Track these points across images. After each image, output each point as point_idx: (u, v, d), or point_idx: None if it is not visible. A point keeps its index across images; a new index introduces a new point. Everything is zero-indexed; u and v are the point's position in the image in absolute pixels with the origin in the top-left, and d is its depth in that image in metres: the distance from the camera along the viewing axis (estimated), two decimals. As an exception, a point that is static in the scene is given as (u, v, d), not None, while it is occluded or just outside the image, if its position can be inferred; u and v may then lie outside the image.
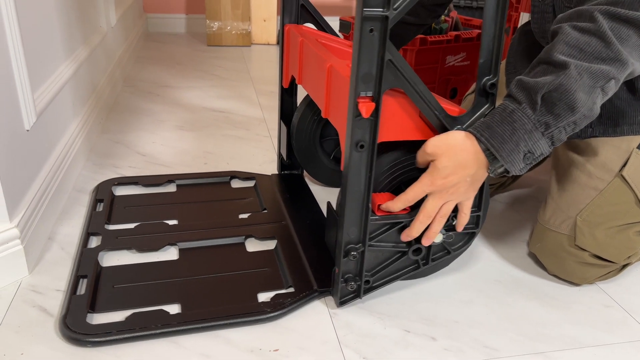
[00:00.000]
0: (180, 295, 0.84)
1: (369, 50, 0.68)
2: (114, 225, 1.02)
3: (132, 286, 0.86)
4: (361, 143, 0.73)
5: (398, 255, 0.85)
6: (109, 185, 1.15)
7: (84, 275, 0.86)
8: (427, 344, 0.80)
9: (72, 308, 0.80)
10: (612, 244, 0.88)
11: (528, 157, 0.72)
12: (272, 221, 1.06)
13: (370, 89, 0.70)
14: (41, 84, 1.08)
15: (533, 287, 0.94)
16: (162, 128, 1.56)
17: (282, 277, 0.90)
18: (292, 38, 1.07)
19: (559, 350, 0.80)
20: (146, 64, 2.22)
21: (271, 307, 0.82)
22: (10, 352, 0.75)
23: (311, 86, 0.98)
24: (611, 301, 0.91)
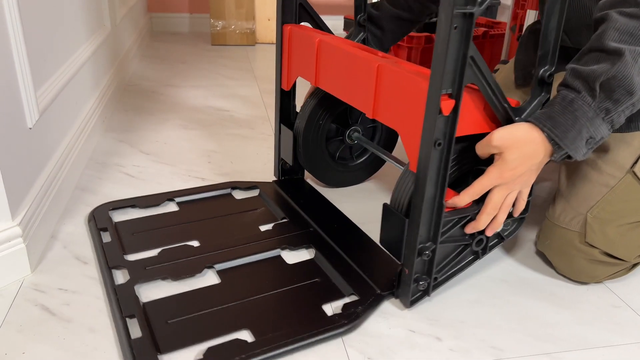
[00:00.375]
0: (246, 321, 0.80)
1: (453, 47, 0.68)
2: (133, 255, 0.94)
3: (188, 319, 0.80)
4: (439, 141, 0.73)
5: (461, 249, 0.86)
6: (105, 212, 1.06)
7: (130, 315, 0.79)
8: (432, 344, 0.79)
9: (137, 354, 0.72)
10: (623, 241, 0.87)
11: (590, 142, 0.75)
12: (299, 230, 1.02)
13: (450, 86, 0.70)
14: (44, 82, 1.08)
15: (540, 287, 0.92)
16: (166, 127, 1.55)
17: (337, 285, 0.88)
18: (298, 38, 1.05)
19: (566, 351, 0.79)
20: (150, 63, 2.22)
21: (346, 318, 0.80)
22: (12, 351, 0.75)
23: (342, 88, 0.95)
24: (620, 301, 0.90)
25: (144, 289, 0.87)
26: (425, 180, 0.75)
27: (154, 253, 0.95)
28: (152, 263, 0.91)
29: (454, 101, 0.71)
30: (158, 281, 0.88)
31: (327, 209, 1.11)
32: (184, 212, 1.10)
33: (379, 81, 0.85)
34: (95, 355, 0.75)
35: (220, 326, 0.79)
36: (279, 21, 1.09)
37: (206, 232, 1.02)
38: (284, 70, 1.12)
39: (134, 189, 1.19)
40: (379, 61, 0.85)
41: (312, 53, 1.01)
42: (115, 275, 0.89)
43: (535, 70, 0.77)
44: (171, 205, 1.12)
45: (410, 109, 0.78)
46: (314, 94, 1.13)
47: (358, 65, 0.89)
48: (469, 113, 0.76)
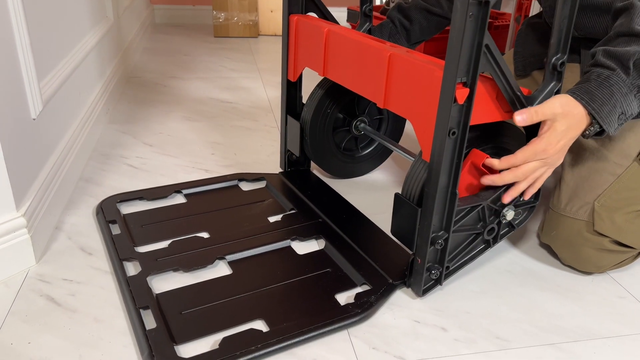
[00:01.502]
0: (259, 311, 0.80)
1: (468, 35, 0.67)
2: (143, 247, 0.94)
3: (202, 309, 0.80)
4: (453, 130, 0.73)
5: (473, 237, 0.86)
6: (112, 204, 1.06)
7: (144, 306, 0.79)
8: (437, 334, 0.79)
9: (153, 344, 0.72)
10: (631, 228, 0.87)
11: (621, 117, 0.78)
12: (308, 220, 1.02)
13: (465, 75, 0.70)
14: (47, 73, 1.08)
15: (545, 278, 0.92)
16: (169, 119, 1.55)
17: (349, 275, 0.88)
18: (305, 28, 1.05)
19: (571, 341, 0.79)
20: (153, 55, 2.21)
21: (359, 308, 0.81)
22: (18, 340, 0.75)
23: (351, 78, 0.95)
24: (625, 292, 0.90)
25: (156, 280, 0.87)
26: (439, 169, 0.74)
27: (165, 245, 0.95)
28: (163, 255, 0.91)
29: (469, 90, 0.71)
30: (170, 272, 0.88)
31: (335, 199, 1.11)
32: (192, 204, 1.09)
33: (390, 71, 0.85)
34: (100, 344, 0.75)
35: (234, 316, 0.79)
36: (285, 11, 1.08)
37: (215, 223, 1.02)
38: (290, 61, 1.11)
39: (138, 180, 1.19)
40: (390, 50, 0.84)
41: (320, 43, 1.00)
42: (127, 267, 0.89)
43: (547, 58, 0.77)
44: (179, 197, 1.12)
45: (424, 98, 0.78)
46: (321, 84, 1.13)
47: (369, 54, 0.89)
48: (482, 101, 0.76)
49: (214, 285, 0.86)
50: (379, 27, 1.14)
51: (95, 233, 1.00)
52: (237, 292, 0.84)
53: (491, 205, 0.83)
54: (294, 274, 0.89)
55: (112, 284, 0.87)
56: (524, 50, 1.07)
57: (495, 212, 0.85)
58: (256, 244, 0.95)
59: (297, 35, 1.08)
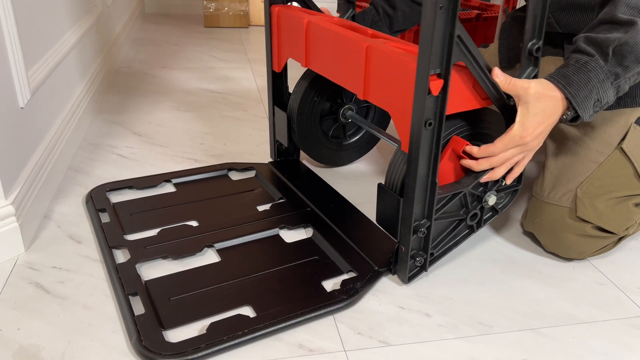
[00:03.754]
0: (247, 297, 0.81)
1: (439, 27, 0.67)
2: (132, 235, 0.95)
3: (190, 296, 0.81)
4: (430, 121, 0.73)
5: (456, 224, 0.87)
6: (102, 193, 1.07)
7: (133, 293, 0.80)
8: (421, 320, 0.81)
9: (142, 329, 0.74)
10: (612, 215, 0.89)
11: (596, 104, 0.78)
12: (297, 209, 1.04)
13: (438, 66, 0.70)
14: (35, 62, 1.08)
15: (527, 266, 0.94)
16: (159, 109, 1.55)
17: (335, 263, 0.90)
18: (287, 20, 1.05)
19: (552, 326, 0.81)
20: (142, 45, 2.20)
21: (345, 294, 0.82)
22: (7, 327, 0.76)
23: (332, 70, 0.95)
24: (605, 279, 0.92)
25: (145, 267, 0.88)
26: (418, 160, 0.76)
27: (154, 233, 0.96)
28: (152, 242, 0.92)
29: (443, 81, 0.71)
30: (159, 260, 0.89)
31: (324, 189, 1.12)
32: (181, 193, 1.10)
33: (368, 62, 0.85)
34: (89, 331, 0.76)
35: (222, 303, 0.80)
36: (266, 2, 1.08)
37: (204, 212, 1.03)
38: (274, 52, 1.11)
39: (127, 170, 1.20)
40: (367, 42, 0.85)
41: (301, 34, 1.01)
42: (116, 254, 0.90)
43: (523, 44, 0.78)
44: (168, 186, 1.13)
45: (400, 89, 0.79)
46: (306, 74, 1.13)
47: (347, 46, 0.89)
48: (458, 91, 0.77)
49: (202, 272, 0.87)
50: (362, 14, 1.15)
51: (85, 222, 1.01)
52: (225, 279, 0.85)
53: (473, 192, 0.85)
54: (282, 261, 0.90)
55: (101, 271, 0.88)
56: (508, 43, 1.09)
57: (478, 198, 0.86)
58: (245, 232, 0.96)
59: (279, 26, 1.07)
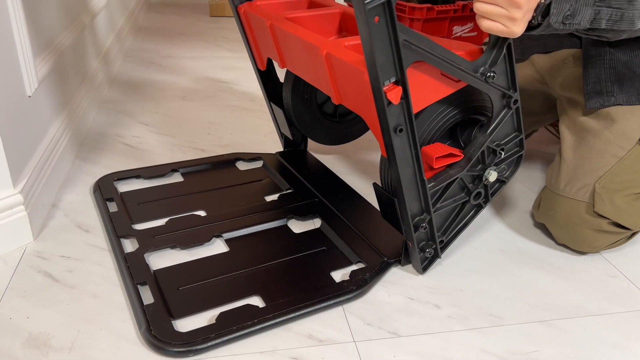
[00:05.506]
0: (256, 287, 0.81)
1: (381, 39, 0.65)
2: (140, 224, 0.95)
3: (199, 285, 0.81)
4: (399, 127, 0.72)
5: (460, 207, 0.86)
6: (109, 182, 1.06)
7: (142, 282, 0.80)
8: (431, 311, 0.80)
9: (151, 319, 0.74)
10: (630, 211, 0.88)
11: (568, 17, 0.72)
12: (305, 200, 1.03)
13: (392, 75, 0.68)
14: (42, 51, 1.07)
15: (538, 257, 0.93)
16: (165, 98, 1.55)
17: (344, 253, 0.90)
18: (254, 21, 1.00)
19: (563, 318, 0.80)
20: (148, 35, 2.19)
21: (355, 285, 0.82)
22: (17, 315, 0.76)
23: (306, 73, 0.93)
24: (616, 271, 0.91)
25: (153, 257, 0.88)
26: (397, 164, 0.74)
27: (162, 222, 0.95)
28: (161, 232, 0.92)
29: (401, 88, 0.69)
30: (167, 250, 0.89)
31: (332, 179, 1.11)
32: (189, 182, 1.10)
33: (331, 69, 0.82)
34: (98, 319, 0.76)
35: (231, 293, 0.80)
36: (231, 3, 1.02)
37: (212, 202, 1.02)
38: (254, 52, 1.08)
39: (134, 159, 1.19)
40: (327, 48, 0.81)
41: (268, 37, 0.96)
42: (124, 244, 0.90)
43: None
44: (176, 175, 1.12)
45: (363, 98, 0.76)
46: None
47: (310, 52, 0.85)
48: (427, 84, 0.74)
49: (211, 262, 0.87)
50: None
51: (92, 211, 1.00)
52: (234, 269, 0.85)
53: (469, 174, 0.83)
54: (290, 251, 0.90)
55: (109, 260, 0.88)
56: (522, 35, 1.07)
57: (478, 177, 0.85)
58: (253, 222, 0.96)
59: (250, 27, 1.03)
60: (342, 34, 1.06)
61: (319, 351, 0.72)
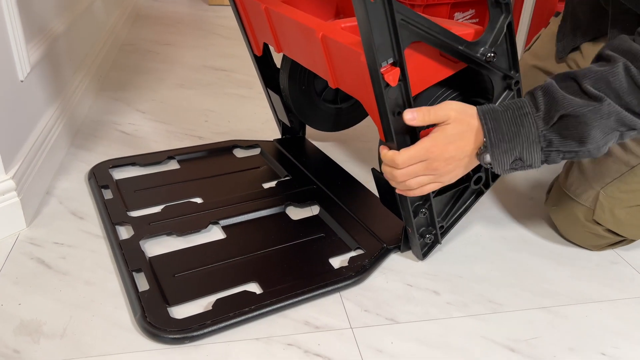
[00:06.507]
0: (253, 274, 0.80)
1: (377, 19, 0.63)
2: (136, 211, 0.93)
3: (195, 272, 0.80)
4: (398, 110, 0.70)
5: (460, 192, 0.85)
6: (104, 169, 1.04)
7: (137, 269, 0.79)
8: (430, 298, 0.79)
9: (146, 305, 0.73)
10: (632, 222, 0.85)
11: (517, 163, 0.70)
12: (302, 187, 1.02)
13: (390, 56, 0.66)
14: (35, 36, 1.05)
15: (539, 244, 0.92)
16: (162, 86, 1.53)
17: (343, 240, 0.88)
18: (249, 5, 0.98)
19: (564, 305, 0.79)
20: (146, 23, 2.17)
21: (353, 271, 0.81)
22: (8, 302, 0.75)
23: (302, 57, 0.91)
24: (618, 258, 0.89)
25: (149, 244, 0.86)
26: (397, 148, 0.71)
27: (158, 209, 0.94)
28: (156, 219, 0.91)
29: (399, 69, 0.67)
30: (163, 237, 0.88)
31: (330, 166, 1.10)
32: (185, 169, 1.08)
33: (327, 52, 0.80)
34: (91, 306, 0.75)
35: (227, 279, 0.79)
36: None
37: (209, 189, 1.01)
38: (250, 37, 1.06)
39: (130, 147, 1.18)
40: (323, 30, 0.78)
41: (265, 21, 0.94)
42: (119, 231, 0.88)
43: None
44: (172, 163, 1.11)
45: (361, 80, 0.74)
46: None
47: (306, 35, 0.83)
48: (426, 65, 0.72)
49: (208, 249, 0.85)
50: None
51: (87, 198, 0.99)
52: (231, 256, 0.84)
53: None
54: (288, 238, 0.88)
55: (103, 247, 0.86)
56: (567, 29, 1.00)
57: None
58: (250, 209, 0.95)
59: (245, 11, 1.01)
60: (339, 16, 1.04)
61: (315, 337, 0.71)
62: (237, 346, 0.70)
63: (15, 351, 0.68)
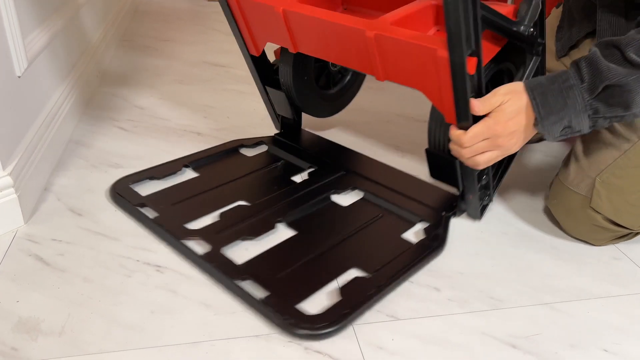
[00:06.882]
0: (348, 261, 0.82)
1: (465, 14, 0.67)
2: (192, 223, 0.89)
3: (293, 270, 0.80)
4: (472, 95, 0.74)
5: None
6: (126, 186, 0.98)
7: (243, 278, 0.78)
8: (430, 294, 0.78)
9: (277, 308, 0.72)
10: (629, 210, 0.84)
11: (566, 130, 0.76)
12: (333, 174, 1.03)
13: (470, 47, 0.70)
14: (32, 30, 1.04)
15: (540, 240, 0.91)
16: (161, 82, 1.52)
17: (401, 216, 0.93)
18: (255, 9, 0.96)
19: (566, 301, 0.78)
20: (144, 19, 2.16)
21: (434, 241, 0.86)
22: (6, 299, 0.74)
23: (332, 54, 0.90)
24: (620, 254, 0.89)
25: (231, 252, 0.84)
26: (468, 127, 0.76)
27: (213, 218, 0.91)
28: (221, 227, 0.88)
29: (476, 58, 0.72)
30: (239, 242, 0.86)
31: (345, 152, 1.13)
32: (206, 176, 1.03)
33: (381, 50, 0.81)
34: (90, 303, 0.74)
35: (328, 270, 0.81)
36: None
37: (246, 191, 0.99)
38: (246, 38, 1.04)
39: (129, 143, 1.17)
40: (373, 28, 0.80)
41: (279, 24, 0.93)
42: (190, 244, 0.84)
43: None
44: (188, 171, 1.05)
45: (431, 74, 0.77)
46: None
47: (349, 36, 0.83)
48: (485, 49, 0.76)
49: (289, 246, 0.85)
50: None
51: (85, 195, 0.98)
52: (315, 249, 0.84)
53: None
54: (354, 223, 0.91)
55: (101, 244, 0.86)
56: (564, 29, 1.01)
57: None
58: (301, 202, 0.95)
59: (245, 16, 0.99)
60: (344, 6, 1.04)
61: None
62: (238, 343, 0.69)
63: (13, 349, 0.67)
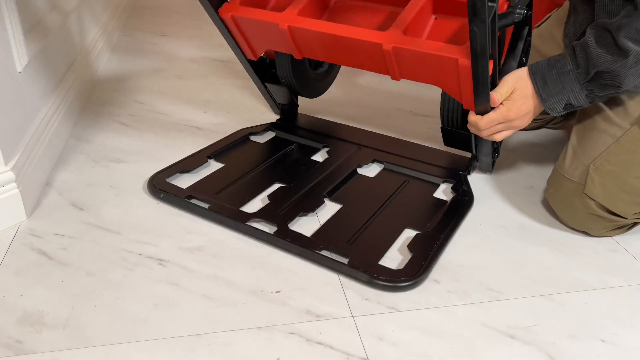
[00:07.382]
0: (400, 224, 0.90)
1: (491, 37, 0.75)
2: (246, 206, 0.93)
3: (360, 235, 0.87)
4: None
5: None
6: (163, 181, 0.99)
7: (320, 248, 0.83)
8: (430, 286, 0.79)
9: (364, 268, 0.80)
10: (622, 196, 0.85)
11: (568, 107, 0.84)
12: (350, 151, 1.10)
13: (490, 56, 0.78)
14: (33, 27, 1.05)
15: (539, 232, 0.92)
16: (161, 77, 1.52)
17: (425, 179, 1.02)
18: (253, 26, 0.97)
19: (564, 292, 0.79)
20: (143, 14, 2.16)
21: (465, 195, 0.96)
22: (10, 293, 0.75)
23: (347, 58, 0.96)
24: (617, 246, 0.90)
25: (296, 227, 0.89)
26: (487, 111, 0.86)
27: (265, 200, 0.95)
28: (276, 207, 0.93)
29: (493, 60, 0.79)
30: (299, 218, 0.91)
31: (349, 129, 1.19)
32: (231, 165, 1.06)
33: (399, 59, 0.88)
34: (93, 297, 0.75)
35: (388, 232, 0.88)
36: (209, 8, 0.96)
37: (276, 174, 1.03)
38: (243, 47, 1.06)
39: (129, 138, 1.18)
40: (389, 43, 0.86)
41: (284, 37, 0.95)
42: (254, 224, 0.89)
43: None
44: (213, 162, 1.07)
45: (451, 78, 0.85)
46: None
47: (362, 47, 0.89)
48: None
49: (344, 217, 0.91)
50: None
51: (87, 189, 0.99)
52: (367, 217, 0.91)
53: None
54: (386, 192, 0.98)
55: (104, 238, 0.86)
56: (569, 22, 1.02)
57: None
58: (337, 178, 1.01)
59: (242, 30, 1.00)
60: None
61: (316, 326, 0.72)
62: (239, 335, 0.70)
63: (18, 341, 0.68)
